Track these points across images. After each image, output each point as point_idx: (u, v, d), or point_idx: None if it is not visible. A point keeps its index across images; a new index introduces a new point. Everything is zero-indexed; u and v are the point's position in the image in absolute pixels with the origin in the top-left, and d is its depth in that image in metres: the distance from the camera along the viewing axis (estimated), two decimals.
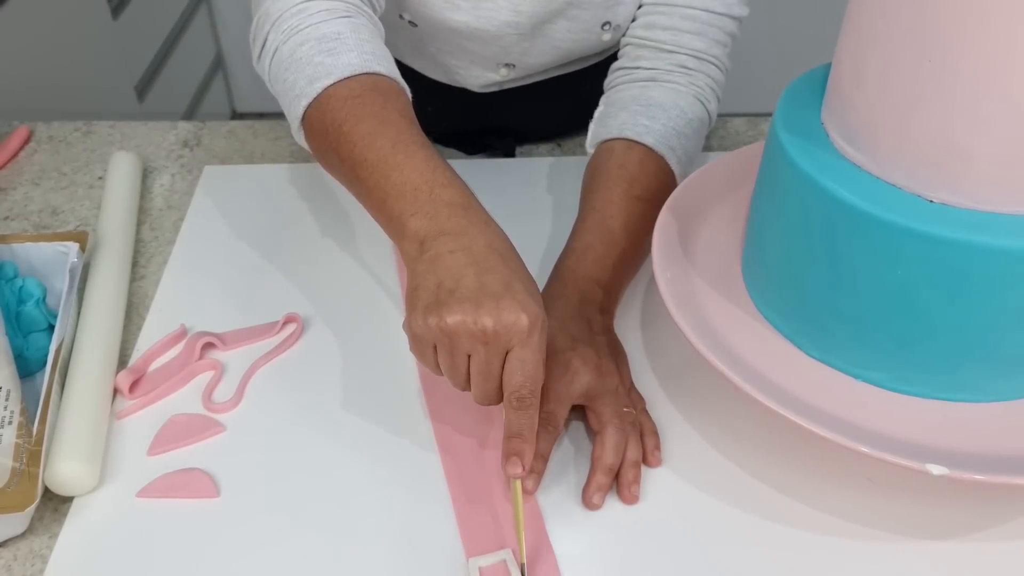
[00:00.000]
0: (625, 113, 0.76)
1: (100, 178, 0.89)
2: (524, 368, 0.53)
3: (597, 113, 0.79)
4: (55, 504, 0.60)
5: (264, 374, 0.69)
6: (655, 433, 0.63)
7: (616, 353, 0.66)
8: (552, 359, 0.61)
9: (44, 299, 0.70)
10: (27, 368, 0.66)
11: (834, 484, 0.60)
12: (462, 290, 0.53)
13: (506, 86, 0.87)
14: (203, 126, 0.96)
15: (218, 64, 2.22)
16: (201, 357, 0.69)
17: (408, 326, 0.55)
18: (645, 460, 0.61)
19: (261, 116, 0.94)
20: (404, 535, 0.58)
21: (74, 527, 0.58)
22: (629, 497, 0.59)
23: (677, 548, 0.57)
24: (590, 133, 0.79)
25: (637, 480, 0.60)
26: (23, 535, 0.58)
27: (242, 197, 0.86)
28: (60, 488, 0.59)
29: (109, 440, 0.63)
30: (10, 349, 0.64)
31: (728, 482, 0.61)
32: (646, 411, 0.65)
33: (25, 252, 0.73)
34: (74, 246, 0.71)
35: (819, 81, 0.60)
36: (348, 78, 0.62)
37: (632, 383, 0.66)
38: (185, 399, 0.67)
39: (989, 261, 0.50)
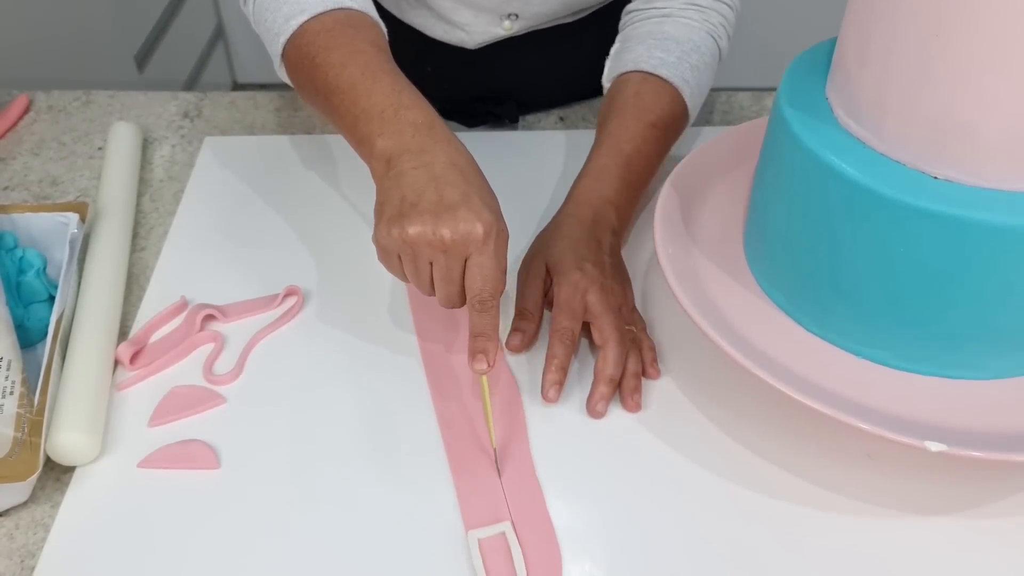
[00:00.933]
0: (641, 47, 0.78)
1: (100, 148, 0.88)
2: (483, 273, 0.58)
3: (613, 50, 0.82)
4: (57, 474, 0.60)
5: (265, 346, 0.69)
6: (653, 349, 0.67)
7: (621, 274, 0.70)
8: (561, 278, 0.66)
9: (44, 269, 0.70)
10: (28, 339, 0.66)
11: (833, 460, 0.60)
12: (423, 203, 0.57)
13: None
14: (204, 97, 0.96)
15: (219, 34, 2.20)
16: (202, 329, 0.69)
17: (375, 238, 0.60)
18: (645, 372, 0.66)
19: (262, 87, 0.93)
20: (404, 507, 0.58)
21: (76, 496, 0.59)
22: (632, 405, 0.64)
23: (676, 523, 0.57)
24: (607, 68, 0.81)
25: (638, 390, 0.64)
26: (25, 504, 0.58)
27: (243, 169, 0.86)
28: (62, 458, 0.59)
29: (110, 411, 0.63)
30: (11, 319, 0.64)
31: (727, 458, 0.61)
32: (646, 332, 0.68)
33: (25, 222, 0.72)
34: (74, 217, 0.71)
35: (824, 56, 0.60)
36: (321, 14, 0.66)
37: (634, 305, 0.70)
38: (186, 371, 0.67)
39: (993, 239, 0.50)
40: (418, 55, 0.65)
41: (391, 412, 0.64)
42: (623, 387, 0.64)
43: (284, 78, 0.71)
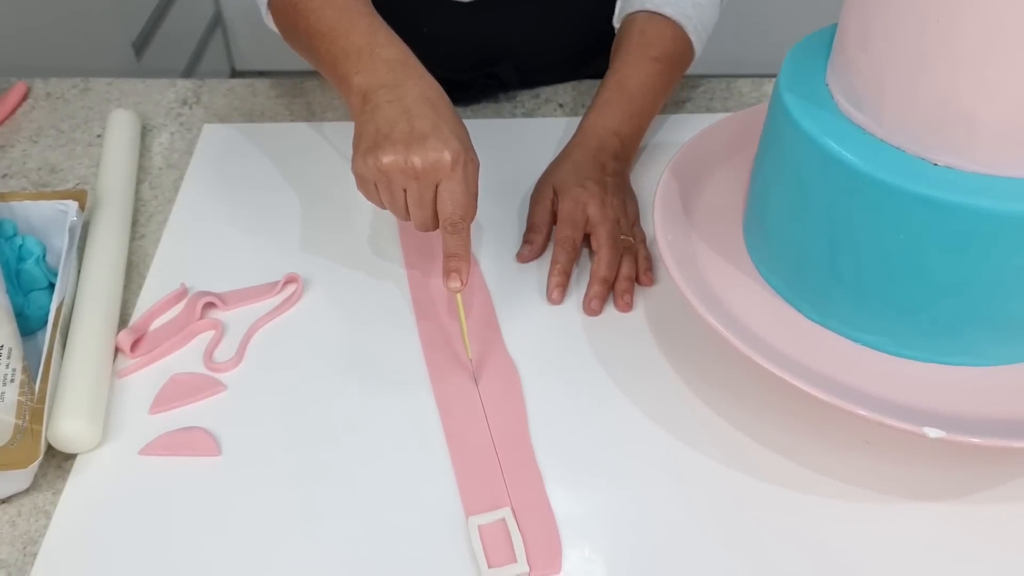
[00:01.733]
0: None
1: (99, 136, 0.88)
2: (452, 198, 0.61)
3: None
4: (58, 461, 0.60)
5: (265, 334, 0.69)
6: (649, 259, 0.73)
7: (624, 192, 0.76)
8: (565, 194, 0.74)
9: (44, 257, 0.70)
10: (28, 326, 0.66)
11: (831, 446, 0.61)
12: (395, 134, 0.61)
13: None
14: (202, 84, 0.96)
15: (217, 21, 2.19)
16: (202, 316, 0.69)
17: (353, 168, 0.63)
18: (639, 278, 0.72)
19: (261, 74, 0.93)
20: (404, 494, 0.58)
21: (77, 484, 0.59)
22: (622, 305, 0.70)
23: (674, 508, 0.58)
24: (616, 10, 0.85)
25: (629, 291, 0.70)
26: (27, 491, 0.58)
27: (242, 156, 0.85)
28: (63, 445, 0.59)
29: (111, 398, 0.64)
30: (11, 307, 0.64)
31: (725, 443, 0.61)
32: (644, 244, 0.74)
33: (24, 210, 0.72)
34: (73, 205, 0.71)
35: (824, 43, 0.60)
36: None
37: (638, 221, 0.76)
38: (186, 358, 0.67)
39: (993, 225, 0.50)
40: (414, 14, 0.68)
41: (391, 398, 0.64)
42: (615, 288, 0.70)
43: (271, 25, 0.76)
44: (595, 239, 0.72)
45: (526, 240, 0.75)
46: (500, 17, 0.89)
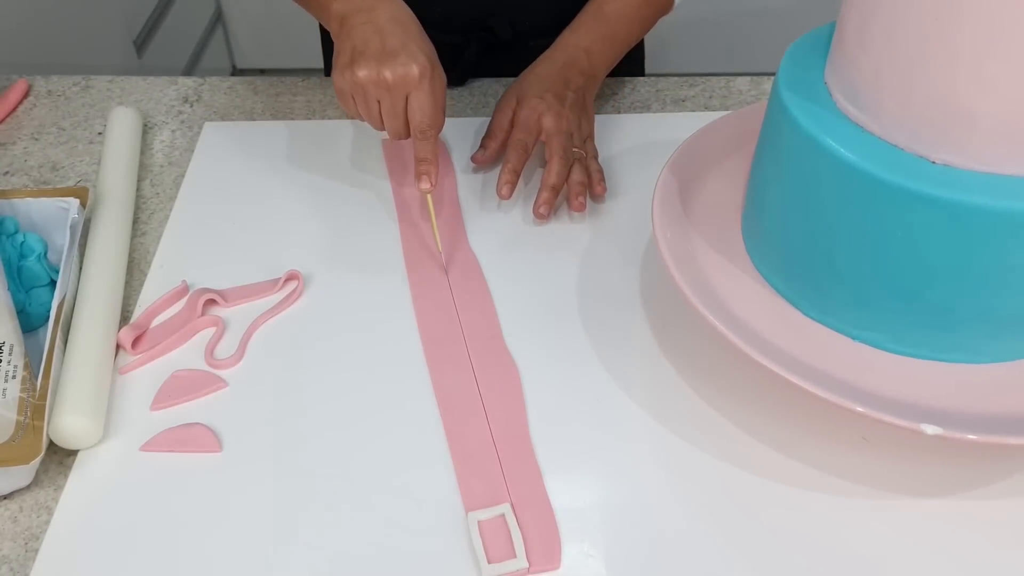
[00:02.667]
0: None
1: (100, 133, 0.88)
2: (421, 108, 0.68)
3: None
4: (60, 457, 0.60)
5: (266, 331, 0.69)
6: (601, 171, 0.79)
7: (580, 109, 0.80)
8: (523, 103, 0.79)
9: (45, 254, 0.70)
10: (29, 323, 0.67)
11: (829, 443, 0.61)
12: (369, 51, 0.67)
13: None
14: (203, 82, 0.96)
15: (217, 19, 2.19)
16: (203, 313, 0.69)
17: (333, 83, 0.70)
18: (592, 190, 0.77)
19: (262, 72, 0.93)
20: (404, 490, 0.58)
21: (79, 480, 0.59)
22: (576, 205, 0.76)
23: (673, 505, 0.58)
24: None
25: (581, 194, 0.76)
26: (29, 487, 0.59)
27: (243, 154, 0.86)
28: (64, 442, 0.59)
29: (112, 395, 0.64)
30: (12, 304, 0.64)
31: (724, 440, 0.61)
32: (596, 160, 0.80)
33: (26, 207, 0.73)
34: (75, 202, 0.71)
35: (823, 41, 0.60)
36: None
37: (591, 138, 0.81)
38: (187, 355, 0.67)
39: (991, 223, 0.50)
40: None
41: (391, 395, 0.64)
42: (569, 192, 0.76)
43: None
44: (548, 149, 0.77)
45: (481, 145, 0.81)
46: None
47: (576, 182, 0.76)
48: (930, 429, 0.51)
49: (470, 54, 0.92)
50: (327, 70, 1.10)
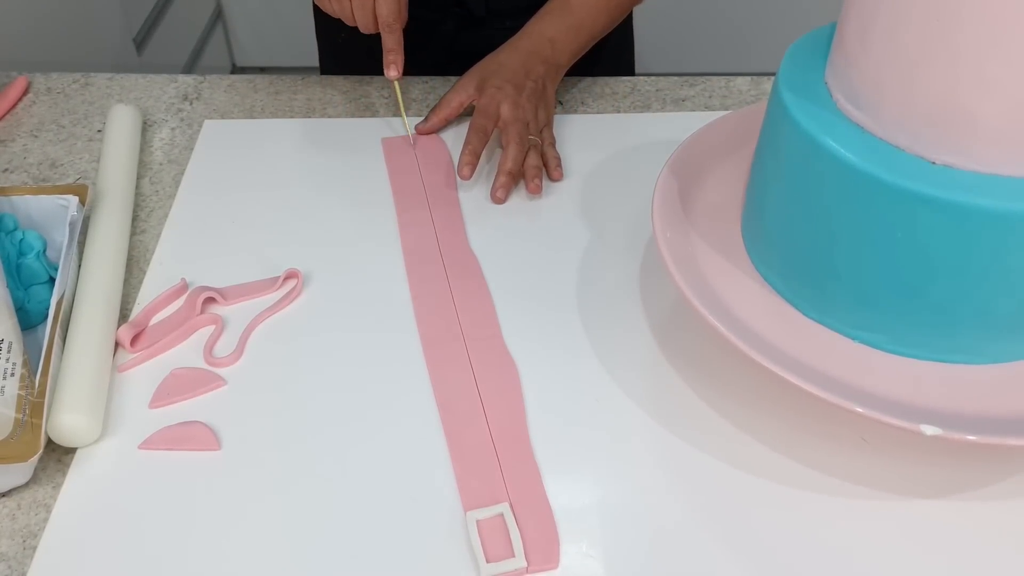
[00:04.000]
0: None
1: (99, 131, 0.88)
2: (387, 3, 0.76)
3: None
4: (58, 455, 0.60)
5: (265, 329, 0.69)
6: (558, 157, 0.82)
7: (538, 99, 0.83)
8: (484, 90, 0.82)
9: (44, 252, 0.70)
10: (28, 321, 0.66)
11: (828, 443, 0.61)
12: None
13: None
14: (203, 80, 0.96)
15: (217, 17, 2.19)
16: (202, 311, 0.69)
17: None
18: (549, 173, 0.81)
19: (262, 70, 0.94)
20: (403, 488, 0.58)
21: (77, 478, 0.59)
22: (532, 187, 0.79)
23: (672, 504, 0.58)
24: None
25: (537, 176, 0.79)
26: (27, 485, 0.59)
27: (243, 152, 0.86)
28: (63, 439, 0.59)
29: (111, 393, 0.64)
30: (11, 301, 0.64)
31: (723, 440, 0.61)
32: (553, 147, 0.83)
33: (25, 205, 0.73)
34: (74, 199, 0.71)
35: (823, 41, 0.60)
36: None
37: (548, 126, 0.84)
38: (186, 353, 0.67)
39: (991, 224, 0.50)
40: None
41: (390, 394, 0.64)
42: (525, 175, 0.79)
43: None
44: (504, 136, 0.80)
45: (429, 115, 0.85)
46: None
47: (531, 166, 0.79)
48: (929, 430, 0.51)
49: (445, 30, 0.93)
50: (323, 68, 1.10)
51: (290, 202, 0.80)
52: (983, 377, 0.57)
